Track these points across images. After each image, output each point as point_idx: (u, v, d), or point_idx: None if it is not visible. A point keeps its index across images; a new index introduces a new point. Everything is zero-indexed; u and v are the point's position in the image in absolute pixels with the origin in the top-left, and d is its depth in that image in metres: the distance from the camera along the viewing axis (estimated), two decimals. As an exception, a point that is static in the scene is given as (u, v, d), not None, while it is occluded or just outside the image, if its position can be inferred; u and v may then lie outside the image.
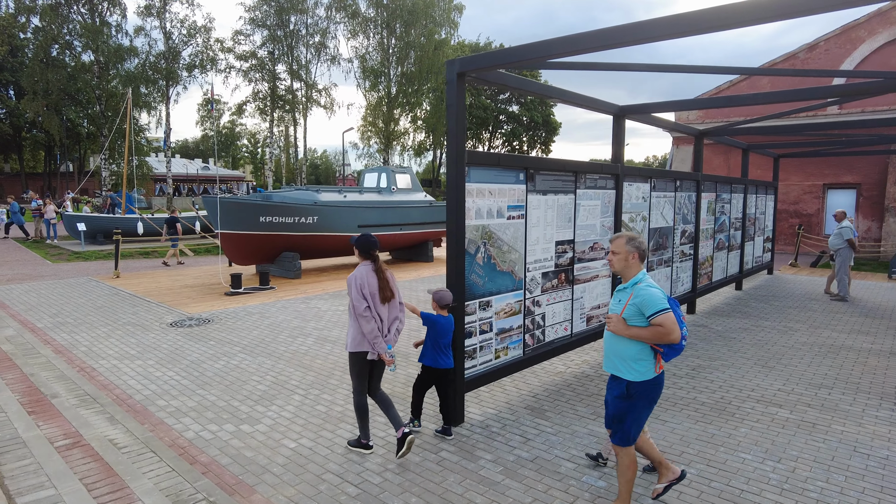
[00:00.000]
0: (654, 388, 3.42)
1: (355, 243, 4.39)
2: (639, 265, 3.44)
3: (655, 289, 3.34)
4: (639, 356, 3.37)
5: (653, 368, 3.39)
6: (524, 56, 4.44)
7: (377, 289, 4.26)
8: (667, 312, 3.23)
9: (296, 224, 13.01)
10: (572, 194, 6.37)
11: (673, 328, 3.21)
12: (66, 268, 15.17)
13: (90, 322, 8.70)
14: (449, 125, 4.74)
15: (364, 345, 4.22)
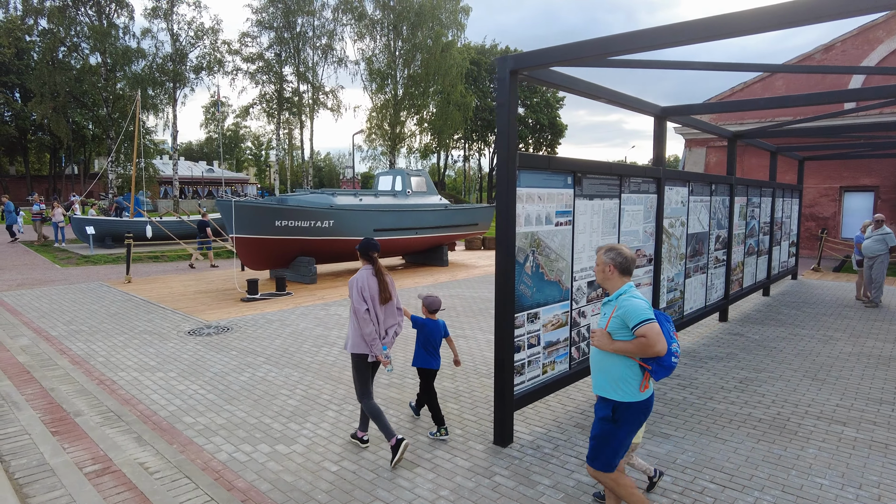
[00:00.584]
0: (640, 411, 3.20)
1: (358, 248, 4.52)
2: (619, 278, 3.25)
3: (639, 299, 3.13)
4: (626, 375, 3.14)
5: (639, 389, 3.16)
6: (581, 53, 4.14)
7: (377, 291, 4.38)
8: (650, 323, 3.02)
9: (311, 228, 12.72)
10: (617, 199, 6.07)
11: (657, 339, 2.98)
12: (76, 272, 14.91)
13: (105, 330, 8.42)
14: (499, 126, 4.44)
15: (362, 346, 4.33)
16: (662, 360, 3.05)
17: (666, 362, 3.06)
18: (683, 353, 7.53)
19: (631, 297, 3.14)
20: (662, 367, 3.09)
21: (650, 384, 3.20)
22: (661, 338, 2.99)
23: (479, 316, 9.65)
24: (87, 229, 18.25)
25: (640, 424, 3.25)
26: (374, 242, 4.51)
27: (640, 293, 3.23)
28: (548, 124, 67.63)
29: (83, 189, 55.73)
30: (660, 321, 3.12)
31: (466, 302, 10.88)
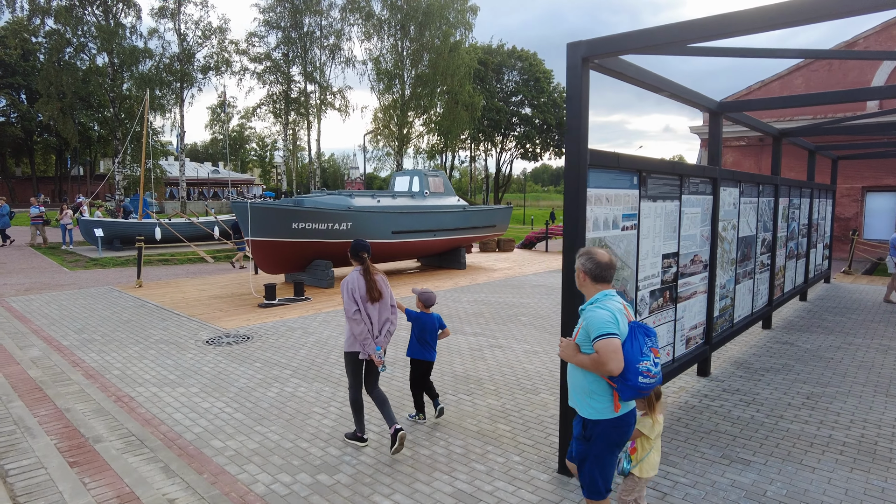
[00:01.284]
0: (613, 430, 2.93)
1: (350, 250, 4.60)
2: (592, 286, 3.02)
3: (604, 310, 2.84)
4: (593, 390, 2.92)
5: (611, 406, 2.90)
6: (661, 39, 3.68)
7: (365, 290, 4.44)
8: (607, 338, 2.74)
9: (329, 230, 12.27)
10: (677, 200, 5.60)
11: (610, 357, 2.71)
12: (85, 276, 14.49)
13: (119, 339, 7.97)
14: (569, 119, 3.97)
15: (356, 346, 4.46)
16: (627, 378, 2.76)
17: (631, 381, 2.75)
18: (736, 364, 7.05)
19: (597, 307, 2.87)
20: (627, 385, 2.78)
21: (622, 404, 2.91)
22: (616, 356, 2.71)
23: (510, 323, 9.18)
24: (96, 231, 17.84)
25: (619, 443, 2.97)
26: (365, 244, 4.59)
27: (613, 303, 2.91)
28: (555, 124, 67.06)
29: (89, 190, 55.51)
30: (634, 335, 2.84)
31: (494, 308, 10.40)
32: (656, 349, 2.89)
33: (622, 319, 2.86)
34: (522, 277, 14.36)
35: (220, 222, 21.53)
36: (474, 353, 7.41)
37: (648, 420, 3.19)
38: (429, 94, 43.60)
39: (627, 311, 3.00)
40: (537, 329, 8.82)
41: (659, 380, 2.88)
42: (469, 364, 6.92)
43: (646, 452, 3.20)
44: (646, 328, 2.94)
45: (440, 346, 7.64)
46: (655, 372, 2.81)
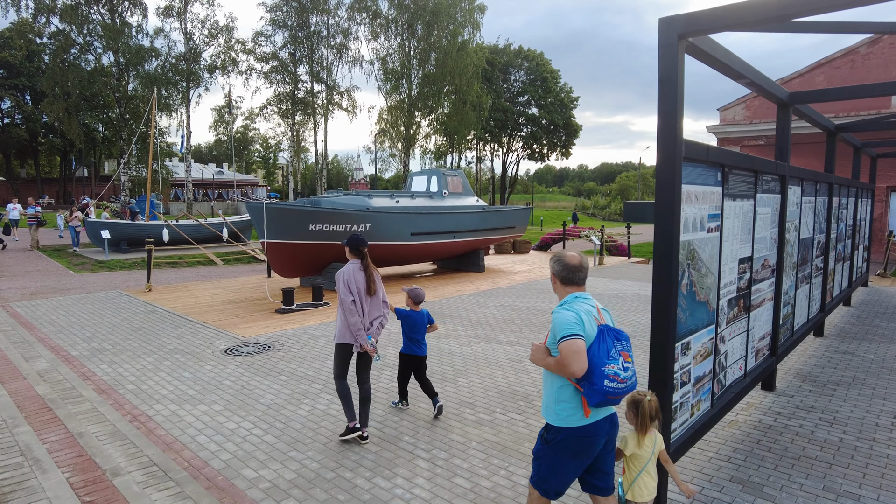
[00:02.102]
0: (577, 439, 2.79)
1: (346, 243, 4.69)
2: (562, 288, 2.97)
3: (570, 312, 2.76)
4: (559, 396, 2.82)
5: (579, 413, 2.78)
6: (769, 13, 3.14)
7: (364, 284, 4.56)
8: (570, 339, 2.65)
9: (348, 232, 11.74)
10: (752, 199, 5.05)
11: (572, 359, 2.61)
12: (92, 279, 13.99)
13: (131, 349, 7.45)
14: (662, 105, 3.43)
15: (347, 337, 4.56)
16: (593, 382, 2.66)
17: (597, 385, 2.65)
18: (799, 377, 6.49)
19: (563, 309, 2.80)
20: (593, 389, 2.67)
21: (593, 410, 2.77)
22: (578, 357, 2.61)
23: (544, 331, 8.62)
24: (102, 233, 17.35)
25: (582, 454, 2.82)
26: (363, 238, 4.70)
27: (581, 305, 2.82)
28: (562, 125, 66.49)
29: (93, 191, 55.14)
30: (602, 338, 2.74)
31: (523, 314, 9.86)
32: (626, 353, 2.77)
33: (588, 321, 2.76)
34: (546, 281, 13.80)
35: (229, 224, 21.03)
36: (514, 364, 6.87)
37: (633, 438, 3.05)
38: (436, 94, 43.08)
39: (600, 313, 2.88)
40: (575, 337, 8.27)
41: (631, 386, 2.75)
42: (512, 378, 6.37)
43: (635, 475, 3.03)
44: (616, 331, 2.81)
45: (477, 356, 7.13)
46: (625, 377, 2.69)
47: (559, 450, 2.81)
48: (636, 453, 3.03)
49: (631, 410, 3.08)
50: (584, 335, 2.68)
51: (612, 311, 10.10)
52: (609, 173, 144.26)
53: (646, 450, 3.04)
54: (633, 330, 8.72)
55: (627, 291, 12.34)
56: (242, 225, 21.97)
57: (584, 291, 2.96)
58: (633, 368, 2.79)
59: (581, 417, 2.76)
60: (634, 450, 3.03)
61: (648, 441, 3.05)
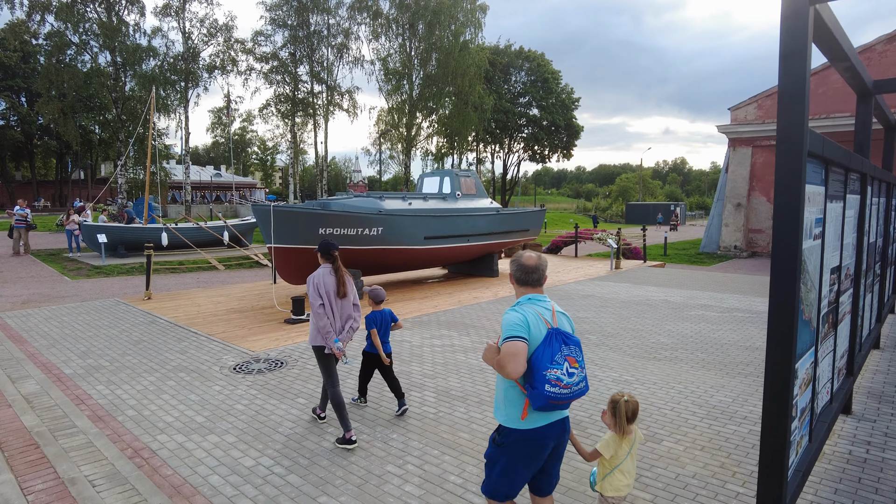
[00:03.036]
0: (525, 442, 2.78)
1: (318, 248, 4.81)
2: (518, 288, 2.96)
3: (517, 314, 2.75)
4: (507, 396, 2.83)
5: (520, 415, 2.78)
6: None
7: (334, 287, 4.66)
8: (510, 341, 2.65)
9: (359, 236, 11.10)
10: (843, 201, 4.43)
11: (508, 360, 2.61)
12: (87, 286, 13.31)
13: (131, 366, 6.79)
14: (784, 87, 2.80)
15: (319, 340, 4.64)
16: (535, 385, 2.65)
17: (538, 389, 2.64)
18: (873, 397, 5.87)
19: (511, 310, 2.80)
20: (535, 393, 2.66)
21: (530, 413, 2.75)
22: (514, 359, 2.60)
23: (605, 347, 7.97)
24: (99, 237, 16.67)
25: (531, 457, 2.81)
26: (333, 243, 4.82)
27: (531, 307, 2.80)
28: (564, 126, 65.95)
29: (90, 194, 54.37)
30: (548, 341, 2.69)
31: (550, 323, 9.20)
32: (573, 358, 2.71)
33: (536, 324, 2.73)
34: (565, 287, 13.17)
35: (230, 227, 20.36)
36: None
37: (613, 439, 3.08)
38: (437, 95, 42.46)
39: (555, 317, 2.84)
40: (613, 350, 7.64)
41: (577, 392, 2.72)
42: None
43: (607, 471, 3.09)
44: (566, 335, 2.76)
45: None
46: (569, 382, 2.66)
47: (509, 451, 2.80)
48: (614, 455, 3.08)
49: (610, 412, 3.10)
50: (528, 338, 2.67)
51: (645, 320, 9.51)
52: (607, 175, 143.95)
53: (623, 450, 3.08)
54: (674, 341, 8.09)
55: (655, 298, 11.72)
56: (244, 228, 21.30)
57: (539, 293, 2.92)
58: (582, 374, 2.74)
59: (527, 419, 2.75)
60: (614, 453, 3.07)
61: (626, 443, 3.09)
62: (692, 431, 4.98)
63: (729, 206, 26.07)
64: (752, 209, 25.81)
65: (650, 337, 8.40)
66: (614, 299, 11.54)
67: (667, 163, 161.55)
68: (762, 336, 8.47)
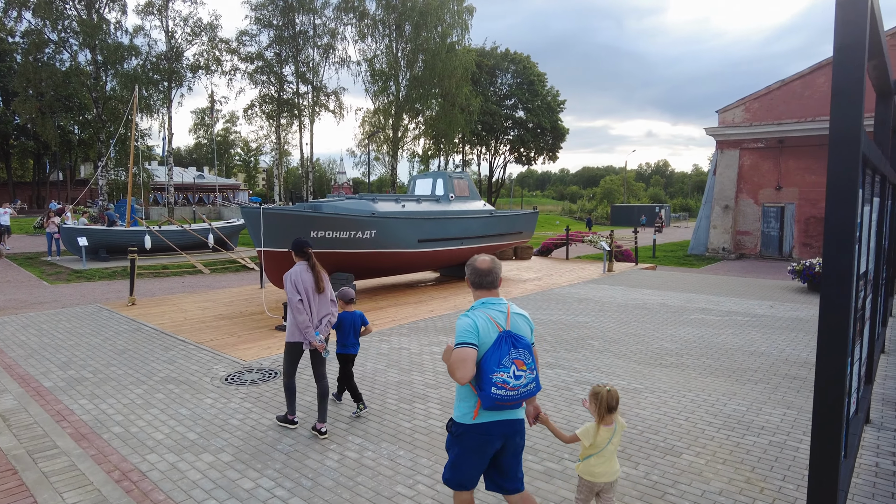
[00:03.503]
0: (474, 436, 2.88)
1: (291, 246, 4.96)
2: (474, 292, 3.02)
3: (468, 319, 2.82)
4: (460, 394, 2.94)
5: (472, 413, 2.86)
6: None
7: (312, 283, 4.76)
8: (459, 347, 2.73)
9: (352, 239, 10.80)
10: (871, 204, 4.26)
11: (456, 366, 2.70)
12: (68, 291, 12.83)
13: (116, 377, 6.43)
14: (837, 84, 2.59)
15: (297, 335, 4.77)
16: (482, 387, 2.74)
17: (485, 391, 2.73)
18: (889, 404, 5.73)
19: (464, 315, 2.87)
20: (483, 395, 2.76)
21: (480, 411, 2.84)
22: (462, 365, 2.70)
23: (581, 349, 7.77)
24: (79, 240, 16.13)
25: (482, 451, 2.90)
26: (307, 240, 4.97)
27: (484, 311, 2.87)
28: (549, 128, 66.10)
29: (69, 196, 53.19)
30: (498, 345, 2.76)
31: (552, 329, 9.00)
32: (521, 361, 2.78)
33: (486, 328, 2.79)
34: (560, 290, 12.98)
35: (215, 229, 19.89)
36: (564, 393, 6.00)
37: (592, 428, 3.19)
38: (424, 96, 42.22)
39: (509, 319, 2.88)
40: (617, 357, 7.44)
41: (525, 393, 2.80)
42: (566, 411, 5.50)
43: (585, 456, 3.20)
44: (516, 338, 2.80)
45: None
46: (515, 385, 2.74)
47: (461, 442, 2.90)
48: (593, 443, 3.18)
49: (592, 402, 3.22)
50: (477, 343, 2.75)
51: (646, 325, 9.33)
52: (591, 177, 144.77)
53: (602, 438, 3.18)
54: (678, 346, 7.92)
55: (651, 302, 11.57)
56: (229, 231, 20.84)
57: (494, 296, 2.97)
58: (531, 376, 2.81)
59: (471, 417, 2.85)
60: (592, 440, 3.17)
61: (606, 432, 3.18)
62: (710, 443, 4.78)
63: (717, 208, 26.19)
64: (739, 211, 25.94)
65: (653, 342, 8.23)
66: (611, 303, 11.37)
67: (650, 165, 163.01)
68: (765, 340, 8.35)
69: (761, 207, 25.49)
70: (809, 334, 8.83)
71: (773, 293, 12.97)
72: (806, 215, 24.38)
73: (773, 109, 25.19)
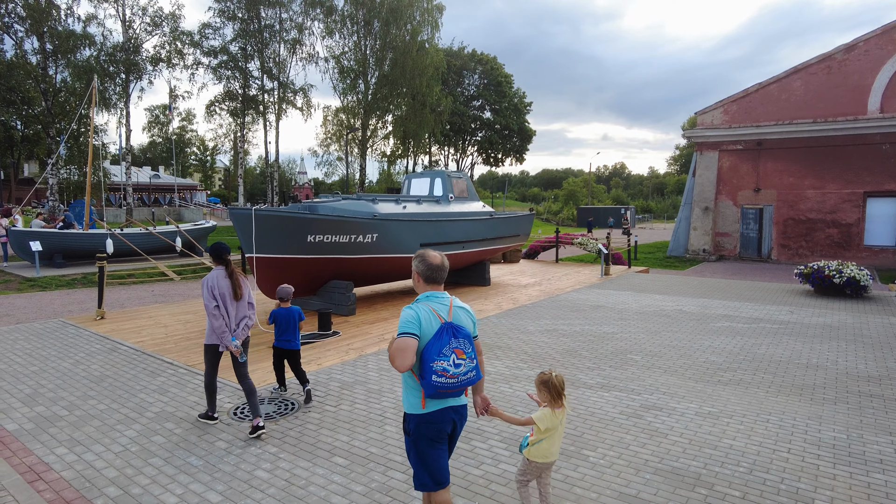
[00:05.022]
0: (426, 425, 2.92)
1: (209, 251, 5.03)
2: (424, 286, 3.03)
3: (411, 311, 2.88)
4: (407, 383, 2.99)
5: (419, 403, 2.92)
6: None
7: (228, 289, 4.84)
8: (399, 337, 2.79)
9: (352, 244, 9.81)
10: None
11: (394, 355, 2.75)
12: (21, 302, 11.36)
13: (98, 414, 5.30)
14: None
15: (213, 339, 4.87)
16: (423, 376, 2.83)
17: (426, 379, 2.82)
18: None
19: (408, 307, 2.92)
20: (424, 383, 2.84)
21: (427, 401, 2.90)
22: (402, 354, 2.73)
23: (626, 366, 7.03)
24: (32, 245, 14.51)
25: (435, 440, 2.95)
26: (226, 246, 4.98)
27: (427, 304, 2.93)
28: (517, 130, 65.99)
29: (11, 195, 49.68)
30: (439, 335, 2.84)
31: (581, 342, 8.24)
32: (461, 350, 2.87)
33: (428, 319, 2.87)
34: (567, 296, 12.28)
35: (183, 232, 18.43)
36: (638, 421, 5.22)
37: (548, 412, 3.32)
38: (393, 95, 41.15)
39: (451, 311, 2.97)
40: (668, 373, 6.74)
41: (465, 381, 2.88)
42: (651, 444, 4.71)
43: (538, 439, 3.34)
44: (457, 329, 2.90)
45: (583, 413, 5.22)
46: (455, 373, 2.83)
47: (417, 438, 2.94)
48: (549, 426, 3.31)
49: (542, 390, 3.36)
50: (419, 334, 2.81)
51: (678, 335, 8.58)
52: (550, 179, 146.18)
53: (556, 421, 3.34)
54: (725, 360, 7.27)
55: (668, 308, 10.99)
56: (198, 233, 19.39)
57: (439, 290, 3.04)
58: (471, 364, 2.89)
59: (420, 406, 2.91)
60: (549, 424, 3.31)
61: (559, 414, 3.35)
62: (837, 484, 4.08)
63: (697, 209, 26.16)
64: (718, 213, 25.99)
65: (696, 355, 7.57)
66: (627, 310, 10.73)
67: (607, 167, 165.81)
68: (810, 351, 7.82)
69: (740, 209, 25.60)
70: (852, 343, 8.36)
71: (783, 297, 12.61)
72: (784, 217, 24.58)
73: (750, 112, 25.32)
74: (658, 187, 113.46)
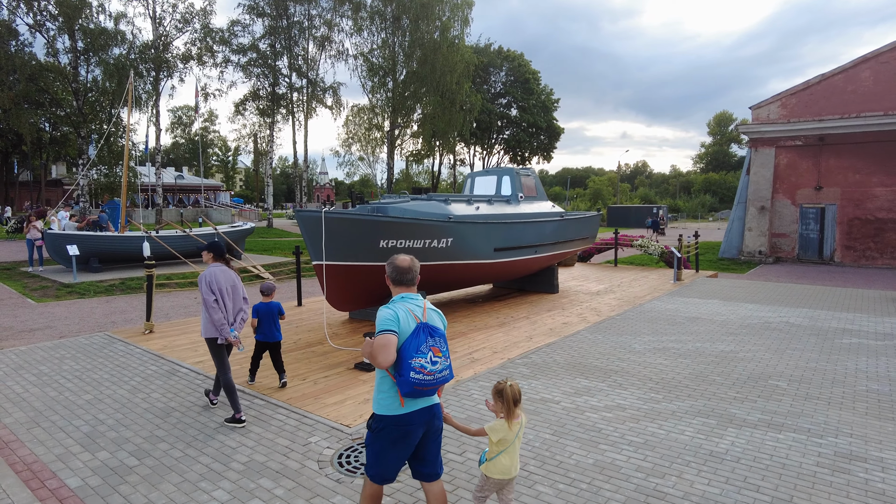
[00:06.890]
0: (394, 427, 2.97)
1: (209, 248, 5.23)
2: (395, 288, 3.14)
3: (389, 310, 2.96)
4: (380, 386, 3.03)
5: (396, 403, 2.96)
6: None
7: (225, 284, 5.10)
8: (380, 334, 2.86)
9: (426, 249, 8.79)
10: None
11: (377, 351, 2.82)
12: (61, 312, 10.55)
13: (174, 465, 4.33)
14: None
15: (211, 331, 5.06)
16: (401, 373, 2.88)
17: (404, 376, 2.87)
18: None
19: (385, 307, 2.99)
20: (402, 380, 2.89)
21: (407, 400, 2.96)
22: (384, 350, 2.81)
23: (778, 396, 5.89)
24: (69, 249, 13.76)
25: (398, 442, 2.98)
26: (223, 244, 5.33)
27: (403, 304, 3.01)
28: (545, 127, 64.65)
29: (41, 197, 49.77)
30: (416, 334, 2.92)
31: (707, 364, 7.11)
32: (437, 348, 2.94)
33: (406, 318, 2.94)
34: (650, 305, 11.11)
35: (222, 234, 17.61)
36: (849, 478, 4.10)
37: (502, 424, 3.20)
38: (423, 93, 40.16)
39: (425, 313, 3.03)
40: (831, 405, 5.59)
41: (441, 378, 2.93)
42: (899, 520, 3.59)
43: (494, 454, 3.22)
44: (433, 328, 2.98)
45: (763, 459, 4.12)
46: (432, 370, 2.88)
47: (380, 438, 2.99)
48: (502, 438, 3.18)
49: (496, 399, 3.23)
50: (399, 331, 2.88)
51: (809, 354, 7.11)
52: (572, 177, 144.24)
53: (511, 433, 3.20)
54: (889, 388, 6.10)
55: (773, 320, 9.79)
56: (236, 235, 18.57)
57: (412, 292, 3.11)
58: (446, 363, 2.96)
59: (398, 407, 2.94)
60: (503, 436, 3.18)
61: (514, 426, 3.20)
62: None
63: (752, 209, 24.72)
64: (775, 212, 24.54)
65: (851, 381, 6.40)
66: (730, 322, 9.56)
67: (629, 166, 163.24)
68: (983, 377, 6.60)
69: (799, 208, 24.11)
70: None
71: (886, 307, 11.32)
72: (849, 217, 23.05)
73: (811, 105, 23.82)
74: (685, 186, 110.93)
